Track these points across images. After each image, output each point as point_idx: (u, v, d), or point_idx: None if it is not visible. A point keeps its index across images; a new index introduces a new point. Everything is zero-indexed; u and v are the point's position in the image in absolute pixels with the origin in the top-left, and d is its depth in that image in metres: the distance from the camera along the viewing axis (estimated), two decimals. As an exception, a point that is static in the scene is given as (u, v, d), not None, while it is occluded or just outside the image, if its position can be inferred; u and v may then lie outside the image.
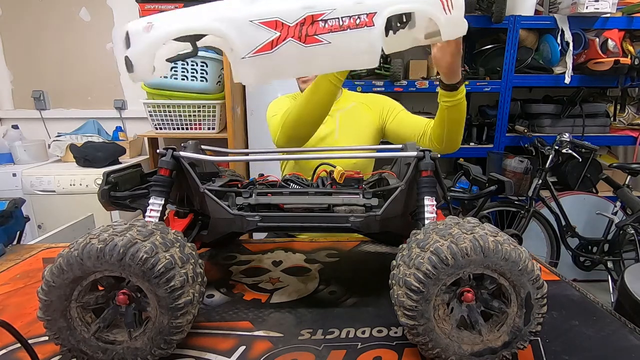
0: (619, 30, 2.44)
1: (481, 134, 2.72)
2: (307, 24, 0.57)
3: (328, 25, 0.57)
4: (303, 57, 0.59)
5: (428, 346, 0.55)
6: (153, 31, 0.57)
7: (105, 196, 0.71)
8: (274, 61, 0.58)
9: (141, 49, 0.57)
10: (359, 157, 0.82)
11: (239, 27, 0.57)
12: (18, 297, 0.79)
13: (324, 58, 0.60)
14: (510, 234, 0.61)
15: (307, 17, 0.56)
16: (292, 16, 0.56)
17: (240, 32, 0.57)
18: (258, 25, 0.56)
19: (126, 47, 0.58)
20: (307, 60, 0.60)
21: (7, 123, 2.81)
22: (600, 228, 2.48)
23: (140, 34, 0.57)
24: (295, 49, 0.57)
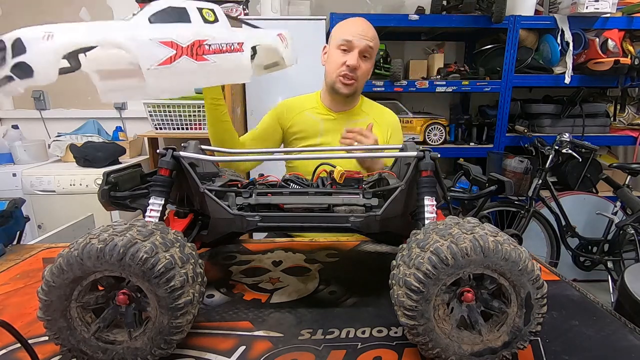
0: (619, 30, 2.44)
1: (481, 134, 2.72)
2: (195, 46, 0.73)
3: (212, 49, 0.75)
4: (197, 71, 0.74)
5: (428, 346, 0.55)
6: (55, 39, 0.61)
7: (105, 196, 0.71)
8: (174, 73, 0.71)
9: (43, 54, 0.60)
10: (358, 157, 0.82)
11: (140, 43, 0.68)
12: (18, 297, 0.79)
13: (213, 73, 0.77)
14: (510, 234, 0.61)
15: (195, 42, 0.73)
16: (184, 39, 0.71)
17: (141, 48, 0.68)
18: (157, 44, 0.69)
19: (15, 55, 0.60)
20: (200, 74, 0.75)
21: (7, 123, 2.81)
22: (600, 228, 2.48)
23: (38, 41, 0.60)
24: (190, 65, 0.72)
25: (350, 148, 1.18)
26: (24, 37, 0.60)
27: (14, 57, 0.60)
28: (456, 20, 2.40)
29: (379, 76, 2.43)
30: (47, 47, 0.60)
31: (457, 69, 2.53)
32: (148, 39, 0.69)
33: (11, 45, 0.60)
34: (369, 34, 1.27)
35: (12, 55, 0.60)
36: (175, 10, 0.76)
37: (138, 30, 0.69)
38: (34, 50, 0.60)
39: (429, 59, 2.65)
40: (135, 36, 0.68)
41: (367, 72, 1.30)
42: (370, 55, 1.28)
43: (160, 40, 0.69)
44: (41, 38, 0.61)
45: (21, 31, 0.61)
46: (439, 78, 2.52)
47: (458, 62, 2.74)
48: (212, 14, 0.82)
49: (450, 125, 2.70)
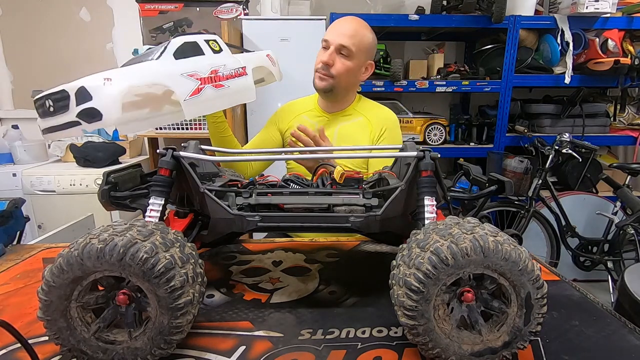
0: (619, 30, 2.44)
1: (481, 134, 2.72)
2: (212, 74, 0.83)
3: (225, 75, 0.86)
4: (217, 97, 0.85)
5: (428, 346, 0.55)
6: (115, 84, 0.68)
7: (105, 196, 0.71)
8: (202, 101, 0.81)
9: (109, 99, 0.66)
10: (358, 157, 0.82)
11: (175, 79, 0.77)
12: (18, 297, 0.79)
13: (227, 96, 0.88)
14: (510, 234, 0.61)
15: (212, 71, 0.83)
16: (204, 70, 0.82)
17: (176, 83, 0.77)
18: (187, 77, 0.78)
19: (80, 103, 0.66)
20: (219, 99, 0.86)
21: (7, 123, 2.81)
22: (600, 228, 2.48)
23: (100, 87, 0.66)
24: (213, 92, 0.83)
25: (350, 148, 1.19)
26: (87, 85, 0.66)
27: (79, 104, 0.66)
28: (456, 20, 2.40)
29: (379, 76, 2.43)
30: (110, 92, 0.66)
31: (457, 69, 2.53)
32: (179, 74, 0.77)
33: (75, 94, 0.66)
34: (347, 32, 1.24)
35: (76, 103, 0.66)
36: (190, 44, 0.84)
37: (170, 67, 0.78)
38: (99, 96, 0.65)
39: (429, 59, 2.65)
40: (171, 72, 0.77)
41: (346, 70, 1.26)
42: (348, 53, 1.24)
43: (188, 73, 0.79)
44: (102, 85, 0.67)
45: (83, 80, 0.67)
46: (439, 78, 2.52)
47: (458, 62, 2.74)
48: (217, 44, 0.92)
49: (450, 125, 2.70)
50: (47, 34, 2.73)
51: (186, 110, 0.77)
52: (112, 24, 2.75)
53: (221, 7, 2.66)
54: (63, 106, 0.68)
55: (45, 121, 0.72)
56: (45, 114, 0.72)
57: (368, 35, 1.28)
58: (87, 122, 0.66)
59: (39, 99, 0.72)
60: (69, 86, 0.67)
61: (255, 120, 2.41)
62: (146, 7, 2.69)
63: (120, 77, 0.69)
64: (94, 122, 0.66)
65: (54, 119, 0.70)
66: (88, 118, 0.66)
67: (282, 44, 2.32)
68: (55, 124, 0.70)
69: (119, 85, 0.68)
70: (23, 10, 2.70)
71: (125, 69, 0.74)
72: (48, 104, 0.70)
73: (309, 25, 2.30)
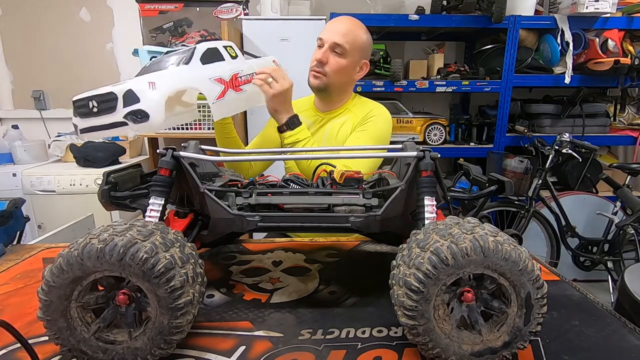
0: (619, 30, 2.44)
1: (481, 134, 2.72)
2: (234, 79, 0.91)
3: (242, 80, 0.95)
4: (237, 99, 0.94)
5: (428, 346, 0.55)
6: (158, 88, 0.72)
7: (105, 196, 0.71)
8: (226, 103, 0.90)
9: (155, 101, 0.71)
10: (358, 157, 0.82)
11: (205, 83, 0.84)
12: (18, 297, 0.79)
13: (244, 99, 0.97)
14: (510, 234, 0.61)
15: (233, 75, 0.91)
16: (226, 75, 0.90)
17: (206, 87, 0.84)
18: (214, 81, 0.85)
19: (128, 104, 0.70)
20: (239, 102, 0.95)
21: (7, 123, 2.82)
22: (600, 228, 2.48)
23: (147, 91, 0.71)
24: (234, 95, 0.92)
25: (350, 148, 1.18)
26: (134, 88, 0.70)
27: (126, 105, 0.70)
28: (456, 20, 2.40)
29: (379, 76, 2.43)
30: (155, 96, 0.71)
31: (457, 69, 2.53)
32: (208, 78, 0.84)
33: (123, 96, 0.70)
34: (341, 30, 1.24)
35: (123, 104, 0.70)
36: (212, 51, 0.90)
37: (200, 72, 0.84)
38: (145, 99, 0.70)
39: (429, 59, 2.65)
40: (201, 77, 0.83)
41: (339, 68, 1.26)
42: (342, 51, 1.24)
43: (215, 78, 0.86)
44: (147, 89, 0.71)
45: (129, 84, 0.71)
46: (439, 78, 2.52)
47: (458, 62, 2.74)
48: (234, 50, 0.98)
49: (450, 125, 2.70)
50: (47, 34, 2.73)
51: (214, 111, 0.85)
52: (112, 24, 2.75)
53: (221, 7, 2.67)
54: (109, 107, 0.71)
55: (86, 121, 0.75)
56: (88, 114, 0.74)
57: (362, 35, 1.28)
58: (134, 122, 0.71)
59: (81, 100, 0.75)
60: (116, 89, 0.71)
61: (255, 120, 2.41)
62: (146, 7, 2.69)
63: (162, 82, 0.74)
64: (140, 122, 0.71)
65: (97, 119, 0.73)
66: (136, 118, 0.70)
67: (282, 44, 2.31)
68: (98, 123, 0.73)
69: (162, 89, 0.73)
70: (23, 10, 2.70)
71: (163, 74, 0.79)
72: (92, 104, 0.73)
73: (309, 25, 2.30)
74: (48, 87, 2.81)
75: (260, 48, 2.35)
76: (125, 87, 0.70)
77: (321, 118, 1.38)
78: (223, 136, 1.30)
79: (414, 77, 2.59)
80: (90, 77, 2.77)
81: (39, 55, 2.76)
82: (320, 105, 1.39)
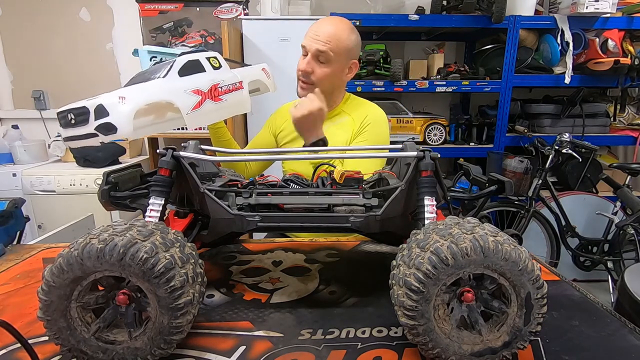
0: (619, 30, 2.44)
1: (481, 134, 2.72)
2: (213, 90, 0.91)
3: (223, 90, 0.94)
4: (216, 109, 0.93)
5: (428, 346, 0.55)
6: (127, 102, 0.77)
7: (105, 196, 0.71)
8: (202, 114, 0.90)
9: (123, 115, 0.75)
10: (357, 157, 0.82)
11: (179, 95, 0.85)
12: (18, 297, 0.79)
13: (225, 108, 0.96)
14: (510, 234, 0.61)
15: (212, 86, 0.91)
16: (205, 86, 0.90)
17: (180, 99, 0.85)
18: (190, 93, 0.87)
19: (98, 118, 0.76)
20: (218, 111, 0.95)
21: (7, 123, 2.82)
22: (600, 228, 2.48)
23: (116, 105, 0.76)
24: (212, 105, 0.92)
25: (350, 148, 1.19)
26: (104, 103, 0.75)
27: (97, 119, 0.75)
28: (456, 20, 2.40)
29: (379, 76, 2.43)
30: (124, 110, 0.75)
31: (457, 69, 2.53)
32: (183, 91, 0.87)
33: (94, 110, 0.76)
34: (322, 36, 1.19)
35: (94, 118, 0.75)
36: (193, 63, 0.93)
37: (175, 85, 0.87)
38: (114, 113, 0.75)
39: (429, 59, 2.65)
40: (176, 89, 0.86)
41: (326, 76, 1.22)
42: (326, 59, 1.20)
43: (190, 90, 0.88)
44: (117, 103, 0.76)
45: (100, 98, 0.76)
46: (439, 78, 2.52)
47: (458, 62, 2.74)
48: (217, 61, 1.00)
49: (450, 125, 2.70)
50: (47, 34, 2.73)
51: (188, 122, 0.88)
52: (112, 24, 2.75)
53: (221, 7, 2.67)
54: (83, 120, 0.77)
55: (67, 131, 0.82)
56: (67, 125, 0.81)
57: (347, 36, 1.22)
58: (104, 134, 0.76)
59: (62, 112, 0.82)
60: (89, 103, 0.77)
61: (255, 121, 2.41)
62: (146, 7, 2.69)
63: (133, 96, 0.78)
64: (109, 134, 0.76)
65: (74, 130, 0.79)
66: (105, 131, 0.76)
67: (282, 44, 2.31)
68: (75, 134, 0.80)
69: (132, 103, 0.77)
70: (23, 10, 2.70)
71: (136, 88, 0.83)
72: (70, 117, 0.80)
73: (308, 25, 2.29)
74: (48, 87, 2.81)
75: (260, 48, 2.35)
76: (97, 101, 0.77)
77: None
78: (217, 139, 1.32)
79: (414, 77, 2.59)
80: (90, 77, 2.77)
81: (39, 55, 2.76)
82: None
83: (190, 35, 2.75)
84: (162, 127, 1.05)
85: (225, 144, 1.32)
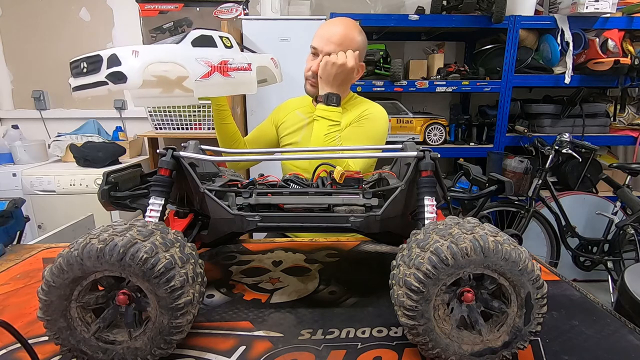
0: (619, 30, 2.44)
1: (481, 134, 2.72)
2: (222, 65, 0.96)
3: (232, 67, 0.99)
4: (223, 83, 0.98)
5: (428, 346, 0.55)
6: (140, 56, 0.79)
7: (105, 196, 0.71)
8: (210, 84, 0.93)
9: (135, 66, 0.77)
10: (357, 157, 0.82)
11: (190, 62, 0.89)
12: (18, 297, 0.79)
13: (232, 85, 1.01)
14: (510, 234, 0.61)
15: (222, 61, 0.96)
16: (215, 60, 0.94)
17: (192, 65, 0.88)
18: (201, 62, 0.91)
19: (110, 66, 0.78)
20: (225, 86, 0.99)
21: (7, 123, 2.82)
22: (600, 228, 2.48)
23: (129, 57, 0.78)
24: (220, 78, 0.96)
25: (350, 148, 1.18)
26: (118, 53, 0.77)
27: (109, 67, 0.77)
28: (456, 20, 2.40)
29: (379, 76, 2.43)
30: (136, 61, 0.78)
31: (457, 69, 2.53)
32: (194, 58, 0.89)
33: (107, 58, 0.78)
34: (335, 39, 1.23)
35: (107, 66, 0.77)
36: (206, 37, 0.97)
37: (187, 52, 0.89)
38: (127, 63, 0.77)
39: (429, 59, 2.65)
40: (188, 56, 0.89)
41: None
42: None
43: (201, 59, 0.91)
44: (130, 55, 0.78)
45: (115, 49, 0.78)
46: (439, 78, 2.52)
47: (458, 62, 2.74)
48: (229, 41, 1.05)
49: (450, 125, 2.70)
50: (47, 34, 2.73)
51: (196, 89, 0.90)
52: (112, 24, 2.75)
53: (221, 7, 2.67)
54: (96, 67, 0.79)
55: (77, 80, 0.83)
56: (78, 74, 0.82)
57: (357, 39, 1.26)
58: (114, 82, 0.78)
59: (75, 61, 0.83)
60: (103, 52, 0.79)
61: (255, 120, 2.41)
62: (146, 7, 2.69)
63: (146, 52, 0.81)
64: (119, 83, 0.78)
65: (85, 78, 0.81)
66: (115, 79, 0.77)
67: (282, 44, 2.32)
68: (85, 82, 0.81)
69: (144, 57, 0.79)
70: (23, 10, 2.70)
71: (151, 46, 0.86)
72: (82, 65, 0.81)
73: (309, 25, 2.30)
74: (48, 87, 2.81)
75: (260, 48, 2.35)
76: (111, 51, 0.78)
77: None
78: (219, 121, 1.33)
79: (414, 77, 2.59)
80: (90, 77, 2.77)
81: (39, 55, 2.76)
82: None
83: (190, 35, 2.75)
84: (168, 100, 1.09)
85: (227, 129, 1.34)
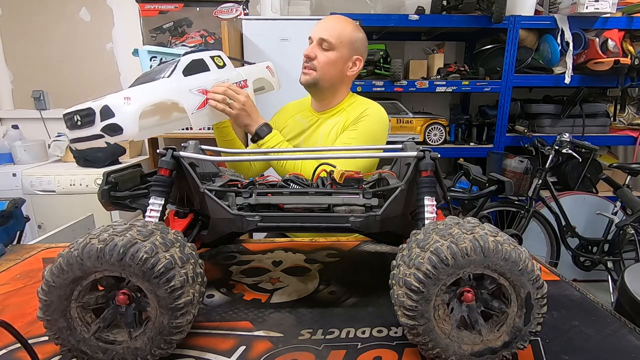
0: (619, 30, 2.44)
1: (481, 134, 2.72)
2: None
3: None
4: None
5: (428, 346, 0.55)
6: (133, 103, 0.78)
7: (105, 196, 0.71)
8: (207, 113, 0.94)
9: (129, 116, 0.77)
10: (357, 157, 0.82)
11: (184, 95, 0.88)
12: (18, 297, 0.79)
13: None
14: (510, 234, 0.61)
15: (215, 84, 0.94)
16: (209, 85, 0.92)
17: (185, 98, 0.88)
18: (195, 93, 0.90)
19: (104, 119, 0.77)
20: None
21: (7, 123, 2.81)
22: (600, 228, 2.48)
23: (121, 106, 0.77)
24: None
25: (350, 148, 1.19)
26: (110, 104, 0.76)
27: (103, 120, 0.76)
28: (456, 20, 2.40)
29: (379, 76, 2.43)
30: (130, 110, 0.76)
31: (457, 69, 2.53)
32: (188, 90, 0.88)
33: (99, 111, 0.76)
34: (327, 26, 1.27)
35: (100, 119, 0.76)
36: (197, 62, 0.93)
37: (180, 84, 0.88)
38: (120, 113, 0.76)
39: (429, 59, 2.65)
40: (181, 89, 0.87)
41: (328, 61, 1.26)
42: (329, 46, 1.25)
43: (195, 89, 0.89)
44: (123, 103, 0.77)
45: (106, 99, 0.77)
46: (439, 78, 2.52)
47: (458, 62, 2.74)
48: (221, 60, 1.00)
49: (450, 125, 2.70)
50: (47, 34, 2.73)
51: (193, 122, 0.89)
52: (112, 24, 2.75)
53: (221, 7, 2.67)
54: (89, 121, 0.78)
55: (73, 133, 0.82)
56: (74, 127, 0.81)
57: (350, 30, 1.28)
58: (110, 135, 0.77)
59: (68, 114, 0.82)
60: (94, 104, 0.77)
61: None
62: (146, 7, 2.69)
63: (138, 97, 0.79)
64: (115, 135, 0.77)
65: (80, 131, 0.80)
66: (111, 132, 0.77)
67: (282, 44, 2.31)
68: (81, 135, 0.81)
69: (137, 103, 0.78)
70: (23, 10, 2.70)
71: (141, 88, 0.84)
72: (76, 118, 0.80)
73: (309, 25, 2.27)
74: (48, 87, 2.81)
75: (260, 48, 2.34)
76: (102, 102, 0.77)
77: (317, 118, 1.37)
78: (222, 139, 1.33)
79: (414, 77, 2.59)
80: (91, 77, 2.77)
81: (39, 55, 2.76)
82: (316, 105, 1.39)
83: (190, 35, 2.75)
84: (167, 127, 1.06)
85: (230, 144, 1.33)
